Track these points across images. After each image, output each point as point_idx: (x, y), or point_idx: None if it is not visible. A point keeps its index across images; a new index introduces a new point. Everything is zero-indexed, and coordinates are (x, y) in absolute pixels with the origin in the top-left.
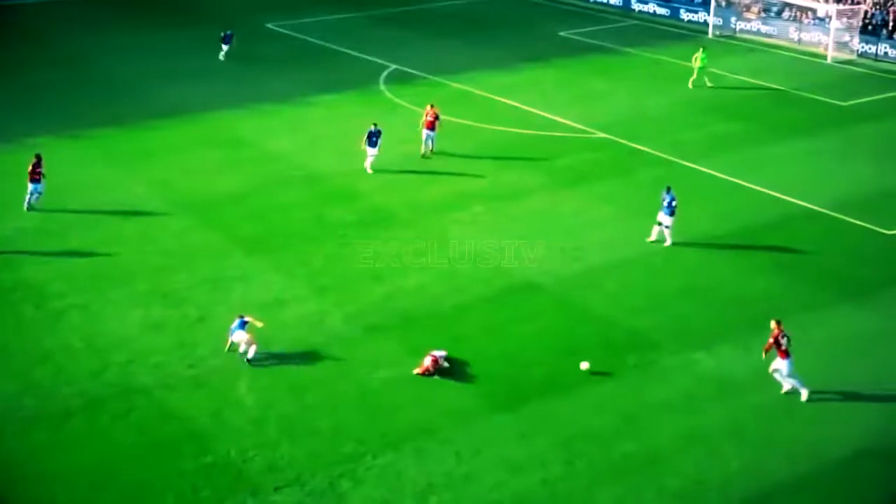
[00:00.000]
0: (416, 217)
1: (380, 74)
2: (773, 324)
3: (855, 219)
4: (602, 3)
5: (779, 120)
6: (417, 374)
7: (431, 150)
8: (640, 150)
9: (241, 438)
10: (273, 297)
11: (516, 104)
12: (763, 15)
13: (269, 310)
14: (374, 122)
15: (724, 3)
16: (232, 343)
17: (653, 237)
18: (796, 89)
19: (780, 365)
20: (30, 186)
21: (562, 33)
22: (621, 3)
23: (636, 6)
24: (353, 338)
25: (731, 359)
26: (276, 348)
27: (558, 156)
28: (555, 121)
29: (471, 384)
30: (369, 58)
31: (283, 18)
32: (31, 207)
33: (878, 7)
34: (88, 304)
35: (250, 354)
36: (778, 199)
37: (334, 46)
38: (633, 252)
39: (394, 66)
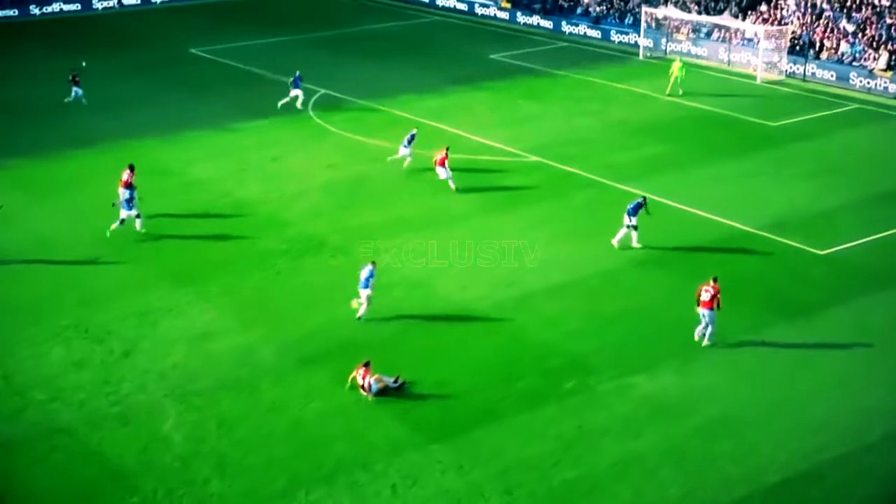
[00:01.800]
0: (347, 244)
1: (309, 100)
2: (712, 282)
3: (790, 239)
4: (532, 26)
5: (711, 141)
6: (353, 378)
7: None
8: (572, 172)
9: (168, 477)
10: (201, 329)
11: (447, 128)
12: (693, 36)
13: (197, 343)
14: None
15: (653, 25)
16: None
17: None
18: (727, 110)
19: (708, 312)
20: None
21: (493, 56)
22: (552, 26)
23: (567, 28)
24: (284, 370)
25: (669, 382)
26: (205, 382)
27: (491, 180)
28: (486, 144)
29: (406, 414)
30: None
31: (209, 43)
32: None
33: (804, 28)
34: (6, 340)
35: (360, 312)
36: (712, 220)
37: (261, 71)
38: (569, 275)
39: (322, 91)
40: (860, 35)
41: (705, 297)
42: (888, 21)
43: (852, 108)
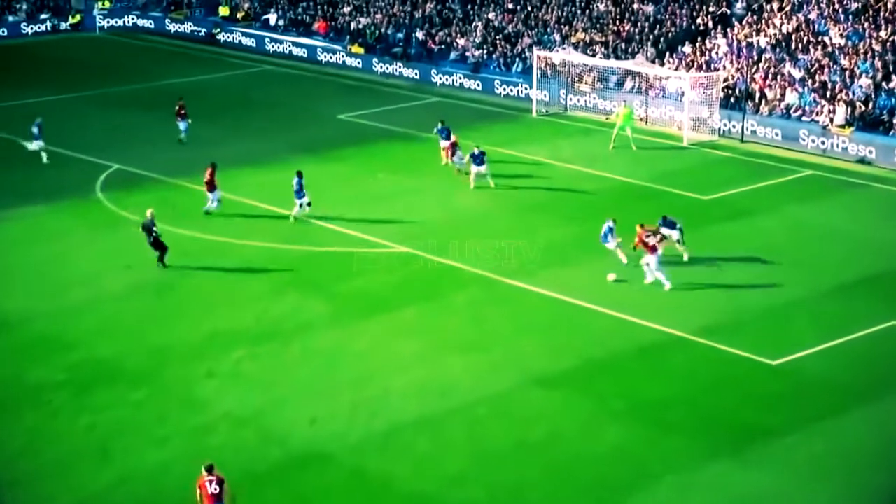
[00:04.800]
0: (152, 370)
1: (97, 178)
2: (637, 228)
3: (731, 346)
4: (393, 76)
5: (624, 218)
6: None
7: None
8: (450, 265)
9: None
10: None
11: (286, 212)
12: (599, 86)
13: None
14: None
15: (549, 73)
16: None
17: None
18: (646, 180)
19: (649, 259)
20: None
21: (342, 116)
22: (418, 76)
23: (438, 78)
24: None
25: None
26: None
27: (345, 278)
28: (337, 232)
29: None
30: (82, 156)
31: None
32: None
33: (740, 74)
34: None
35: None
36: (631, 323)
37: (33, 144)
38: (448, 401)
39: (116, 166)
40: (809, 82)
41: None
42: (843, 64)
43: (803, 174)
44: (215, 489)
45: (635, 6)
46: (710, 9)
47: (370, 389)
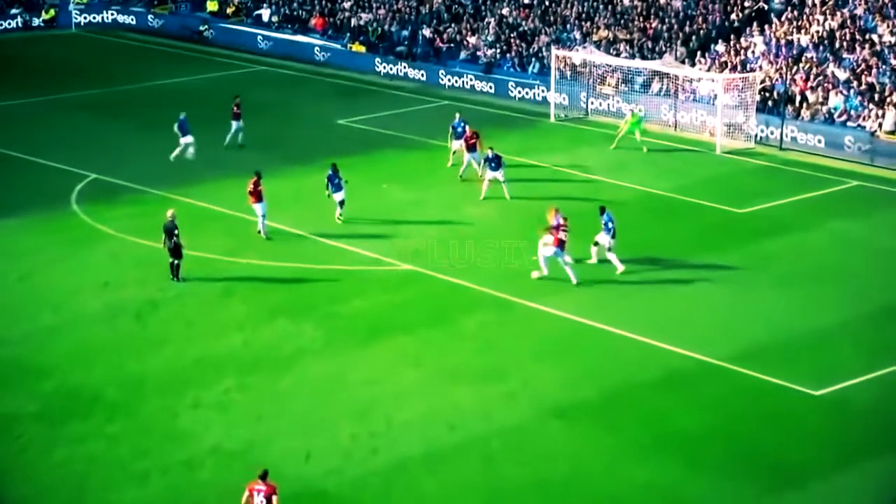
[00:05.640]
0: (131, 399)
1: (72, 189)
2: (552, 212)
3: (770, 375)
4: (397, 77)
5: (653, 235)
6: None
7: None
8: (460, 285)
9: None
10: None
11: (279, 226)
12: (624, 88)
13: None
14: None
15: (568, 74)
16: None
17: (594, 258)
18: (675, 192)
19: (547, 251)
20: None
21: (341, 121)
22: (425, 77)
23: (446, 80)
24: None
25: None
26: None
27: (343, 299)
28: (337, 248)
29: None
30: (56, 164)
31: None
32: None
33: (779, 75)
34: None
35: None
36: (658, 348)
37: (2, 150)
38: (459, 434)
39: (93, 176)
40: (855, 84)
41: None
42: (893, 64)
43: (848, 186)
44: (262, 502)
45: (663, 1)
46: (746, 4)
47: (370, 422)
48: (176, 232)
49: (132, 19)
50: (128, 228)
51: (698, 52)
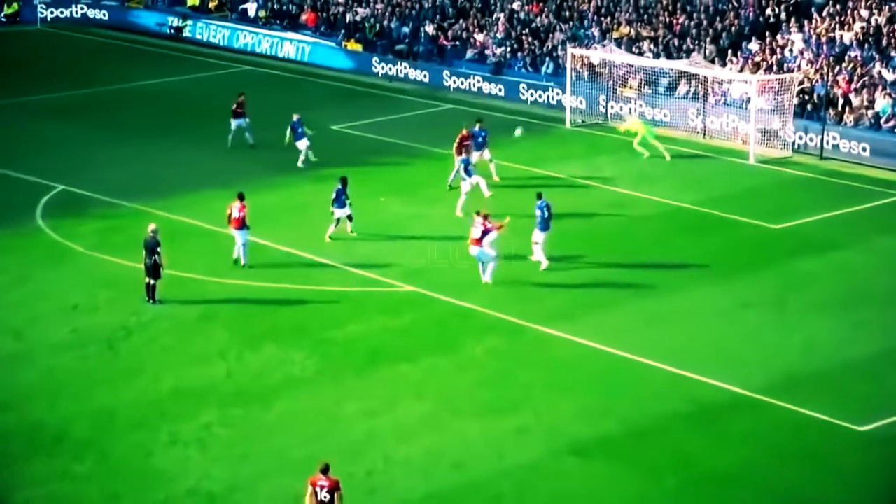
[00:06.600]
0: (101, 436)
1: (37, 202)
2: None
3: (808, 408)
4: (398, 79)
5: (681, 254)
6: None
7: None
8: (466, 308)
9: None
10: None
11: (265, 242)
12: (647, 91)
13: None
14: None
15: (586, 75)
16: None
17: (535, 256)
18: (704, 206)
19: (473, 251)
20: None
21: (335, 126)
22: (428, 79)
23: (451, 81)
24: None
25: None
26: None
27: (337, 324)
28: (330, 266)
29: None
30: (20, 175)
31: None
32: None
33: (819, 76)
34: None
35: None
36: (685, 378)
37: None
38: (466, 473)
39: (61, 187)
40: None
41: (475, 233)
42: None
43: None
44: (325, 497)
45: None
46: None
47: (367, 460)
48: (158, 249)
49: (104, 14)
50: (99, 245)
51: (730, 51)
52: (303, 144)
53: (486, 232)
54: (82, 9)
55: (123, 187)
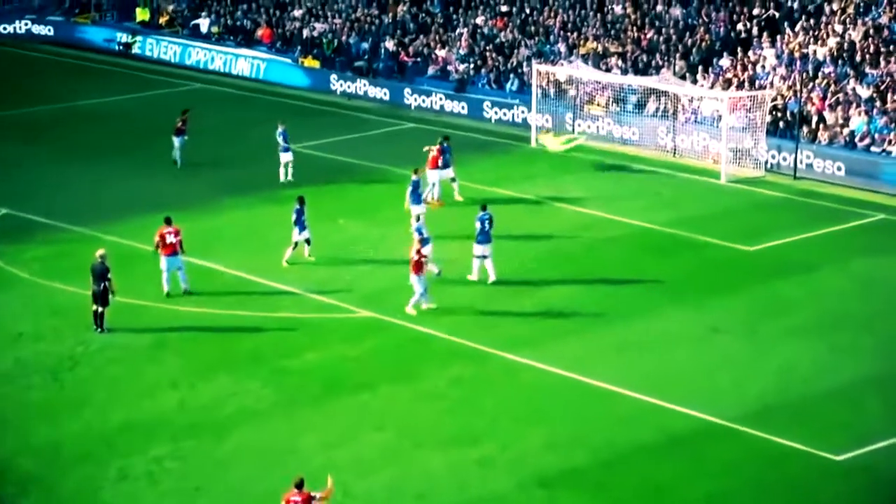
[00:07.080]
0: (47, 472)
1: None
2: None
3: (784, 437)
4: (357, 96)
5: (648, 276)
6: None
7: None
8: (428, 334)
9: None
10: None
11: (217, 267)
12: (615, 108)
13: None
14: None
15: (552, 92)
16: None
17: (474, 275)
18: (675, 227)
19: (413, 279)
20: None
21: (292, 146)
22: (388, 96)
23: (412, 99)
24: None
25: None
26: None
27: (295, 352)
28: (285, 291)
29: None
30: None
31: None
32: None
33: (792, 92)
34: None
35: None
36: (657, 407)
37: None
38: None
39: (3, 211)
40: (880, 102)
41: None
42: None
43: (873, 219)
44: None
45: (660, 8)
46: (755, 11)
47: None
48: (108, 275)
49: (49, 30)
50: (44, 271)
51: (700, 67)
52: (286, 157)
53: (419, 261)
54: (27, 24)
55: (70, 211)
